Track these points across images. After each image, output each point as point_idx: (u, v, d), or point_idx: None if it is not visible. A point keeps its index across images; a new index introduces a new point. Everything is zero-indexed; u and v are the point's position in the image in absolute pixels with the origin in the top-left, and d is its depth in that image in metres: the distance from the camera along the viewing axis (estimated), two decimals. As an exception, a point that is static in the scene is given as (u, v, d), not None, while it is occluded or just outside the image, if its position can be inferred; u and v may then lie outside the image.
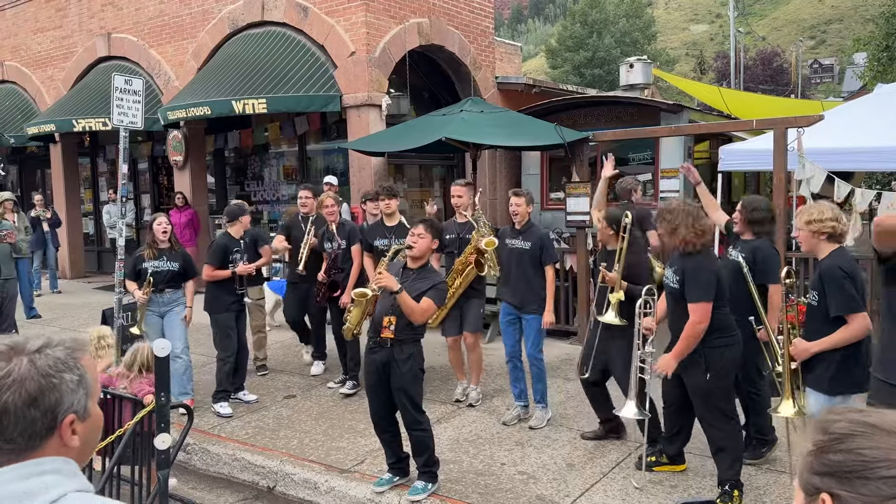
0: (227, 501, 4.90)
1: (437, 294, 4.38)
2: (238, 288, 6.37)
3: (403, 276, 4.45)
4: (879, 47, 17.31)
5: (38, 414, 1.20)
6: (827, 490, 1.04)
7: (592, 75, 43.37)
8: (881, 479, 0.99)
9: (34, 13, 14.59)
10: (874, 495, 0.99)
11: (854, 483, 1.01)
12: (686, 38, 77.00)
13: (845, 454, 1.03)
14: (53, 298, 12.00)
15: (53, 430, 1.22)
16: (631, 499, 4.33)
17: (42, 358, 1.23)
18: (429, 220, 4.67)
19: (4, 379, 1.19)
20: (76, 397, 1.24)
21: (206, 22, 11.68)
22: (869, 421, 1.06)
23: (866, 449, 1.02)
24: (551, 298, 5.53)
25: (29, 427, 1.20)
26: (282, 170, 12.36)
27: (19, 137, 14.06)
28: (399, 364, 4.32)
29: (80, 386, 1.25)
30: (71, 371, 1.25)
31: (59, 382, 1.22)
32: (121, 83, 6.64)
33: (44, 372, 1.21)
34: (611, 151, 6.87)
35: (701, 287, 4.01)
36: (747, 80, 37.68)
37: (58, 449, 1.24)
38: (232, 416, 6.04)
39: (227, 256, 6.33)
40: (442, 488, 4.50)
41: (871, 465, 1.01)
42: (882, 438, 1.03)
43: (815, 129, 6.70)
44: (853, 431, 1.05)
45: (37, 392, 1.20)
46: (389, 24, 10.32)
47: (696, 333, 4.03)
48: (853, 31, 47.04)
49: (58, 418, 1.22)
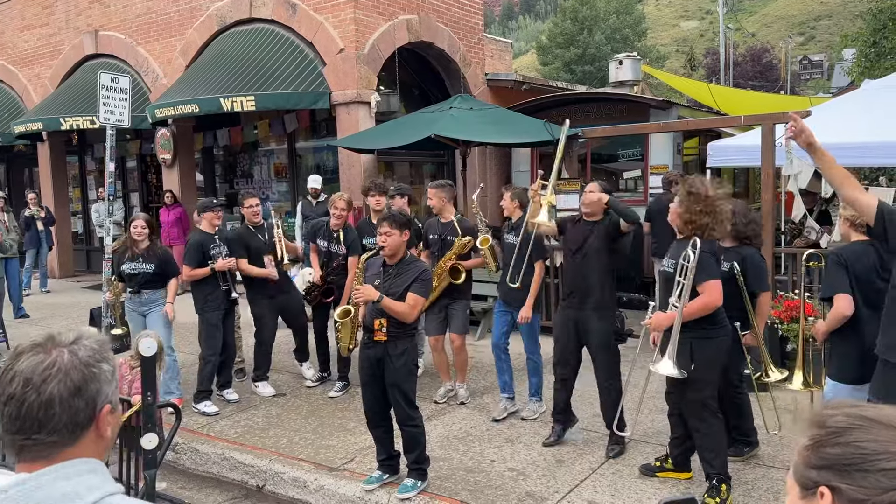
0: (216, 501, 4.88)
1: (422, 286, 4.36)
2: (222, 283, 6.20)
3: (384, 274, 4.43)
4: (867, 43, 17.40)
5: (81, 404, 1.21)
6: (825, 483, 1.04)
7: (583, 72, 43.44)
8: (881, 471, 1.00)
9: (20, 10, 14.47)
10: (874, 487, 0.99)
11: (854, 476, 1.01)
12: (676, 35, 77.18)
13: (844, 447, 1.04)
14: (42, 298, 11.93)
15: (92, 420, 1.23)
16: (620, 494, 4.34)
17: (81, 349, 1.24)
18: (390, 214, 4.54)
19: (49, 369, 1.20)
20: (111, 388, 1.27)
21: (194, 19, 11.62)
22: (866, 414, 1.06)
23: (865, 442, 1.03)
24: (534, 294, 5.52)
25: (73, 417, 1.20)
26: (272, 167, 12.32)
27: (6, 136, 13.96)
28: (393, 359, 4.33)
29: (113, 377, 1.28)
30: (108, 362, 1.27)
31: (98, 372, 1.24)
32: (107, 81, 6.60)
33: (85, 362, 1.23)
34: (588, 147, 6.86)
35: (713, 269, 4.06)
36: (737, 76, 37.82)
37: (93, 442, 1.25)
38: (219, 414, 6.02)
39: (204, 253, 6.15)
40: (431, 486, 4.49)
41: (871, 457, 1.01)
42: (880, 431, 1.03)
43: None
44: (851, 425, 1.06)
45: (81, 382, 1.21)
46: (378, 20, 10.29)
47: (704, 308, 4.02)
48: (842, 28, 47.27)
49: (97, 408, 1.23)
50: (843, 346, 3.86)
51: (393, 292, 4.30)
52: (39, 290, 12.42)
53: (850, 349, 3.79)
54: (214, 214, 6.28)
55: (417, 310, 4.40)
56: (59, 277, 14.11)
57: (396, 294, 4.29)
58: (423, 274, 4.42)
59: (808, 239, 8.22)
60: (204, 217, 6.27)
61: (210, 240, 6.22)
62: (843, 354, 3.87)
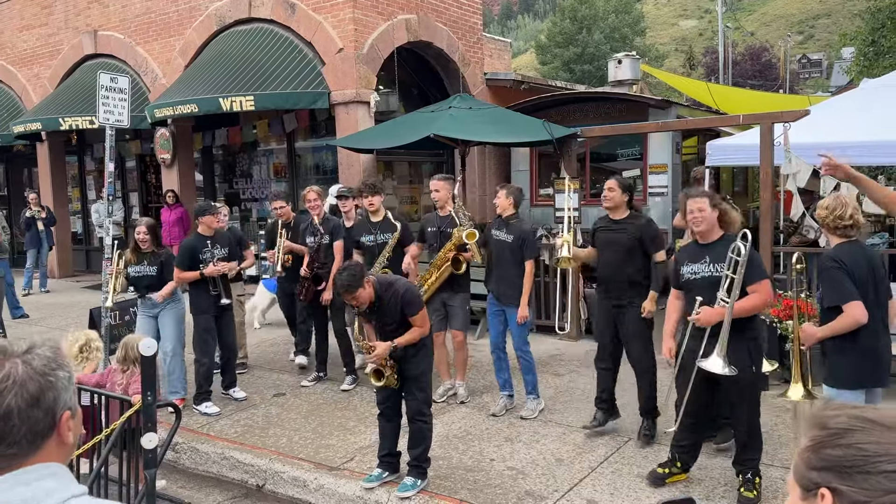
0: (215, 500, 4.89)
1: (412, 304, 4.42)
2: (212, 289, 6.14)
3: (372, 316, 4.49)
4: (866, 42, 17.40)
5: (40, 414, 1.20)
6: (826, 485, 1.04)
7: (582, 71, 43.45)
8: (882, 473, 1.00)
9: (20, 10, 14.47)
10: (875, 489, 0.99)
11: (855, 478, 1.01)
12: (675, 34, 77.20)
13: (845, 449, 1.04)
14: (42, 298, 11.93)
15: (53, 428, 1.22)
16: (619, 493, 4.34)
17: (35, 359, 1.23)
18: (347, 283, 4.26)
19: (4, 382, 1.19)
20: (69, 394, 1.25)
21: (193, 19, 11.62)
22: (868, 416, 1.06)
23: (866, 444, 1.03)
24: (527, 293, 5.56)
25: (33, 427, 1.20)
26: (271, 167, 12.32)
27: (5, 136, 13.96)
28: (409, 354, 4.45)
29: (71, 383, 1.27)
30: (63, 369, 1.26)
31: (55, 381, 1.23)
32: (106, 81, 6.60)
33: (41, 371, 1.22)
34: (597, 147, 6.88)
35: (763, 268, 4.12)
36: (736, 75, 37.84)
37: (56, 448, 1.24)
38: (220, 414, 6.03)
39: (196, 257, 6.11)
40: (431, 484, 4.50)
41: (872, 459, 1.01)
42: (882, 433, 1.03)
43: (801, 124, 6.73)
44: (852, 426, 1.05)
45: (38, 392, 1.20)
46: (377, 20, 10.30)
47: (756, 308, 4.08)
48: (841, 27, 47.26)
49: (56, 416, 1.22)
50: (841, 351, 3.75)
51: (389, 325, 4.44)
52: (39, 290, 12.43)
53: (849, 354, 3.70)
54: (213, 218, 6.25)
55: (426, 319, 4.54)
56: (59, 277, 14.10)
57: (393, 325, 4.42)
58: (406, 295, 4.41)
59: (807, 237, 8.23)
60: (201, 221, 6.20)
61: (203, 243, 6.16)
62: (841, 359, 3.76)
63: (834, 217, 3.77)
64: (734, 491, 4.21)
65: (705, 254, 4.19)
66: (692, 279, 4.23)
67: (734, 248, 3.98)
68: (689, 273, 4.24)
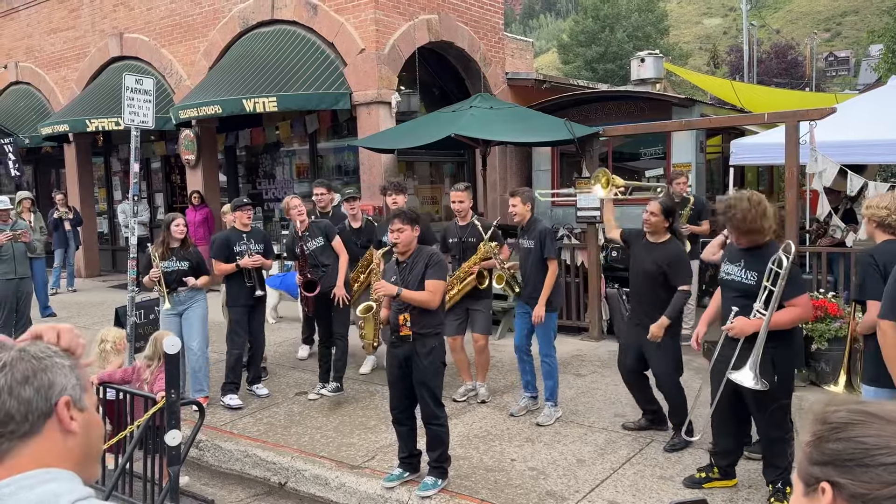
0: (238, 497, 4.93)
1: (436, 270, 4.44)
2: (247, 281, 6.30)
3: (400, 271, 4.51)
4: (894, 39, 17.12)
5: (31, 391, 1.19)
6: (826, 479, 1.04)
7: (605, 70, 43.15)
8: (881, 465, 0.99)
9: (48, 14, 14.71)
10: (874, 482, 0.99)
11: (854, 471, 1.01)
12: (699, 32, 76.42)
13: (845, 442, 1.04)
14: (69, 297, 12.12)
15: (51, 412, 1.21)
16: (641, 494, 4.31)
17: (33, 347, 1.23)
18: (400, 211, 4.63)
19: None
20: (69, 382, 1.23)
21: (216, 21, 11.73)
22: (868, 410, 1.06)
23: (865, 437, 1.02)
24: (546, 292, 5.47)
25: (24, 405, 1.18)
26: (293, 168, 12.40)
27: (34, 138, 14.19)
28: (421, 358, 4.39)
29: (73, 372, 1.25)
30: (61, 357, 1.25)
31: (50, 364, 1.22)
32: (131, 83, 6.68)
33: (35, 355, 1.22)
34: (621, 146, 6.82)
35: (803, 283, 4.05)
36: (761, 73, 37.37)
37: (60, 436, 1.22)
38: (242, 408, 6.10)
39: (231, 250, 6.26)
40: (452, 484, 4.51)
41: (872, 452, 1.01)
42: (882, 426, 1.03)
43: (827, 122, 6.64)
44: (852, 420, 1.05)
45: (28, 372, 1.19)
46: (399, 20, 10.32)
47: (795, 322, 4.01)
48: (869, 23, 46.50)
49: (52, 399, 1.21)
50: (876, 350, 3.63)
51: (409, 283, 4.41)
52: (66, 290, 12.62)
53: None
54: (244, 213, 6.39)
55: (439, 295, 4.47)
56: (86, 277, 14.32)
57: (413, 284, 4.40)
58: (434, 258, 4.50)
59: (834, 238, 8.11)
60: (235, 215, 6.43)
61: (238, 236, 6.34)
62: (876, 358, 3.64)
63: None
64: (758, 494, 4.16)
65: (742, 258, 4.12)
66: (725, 279, 4.21)
67: (776, 259, 3.90)
68: (725, 273, 4.23)
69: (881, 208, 3.78)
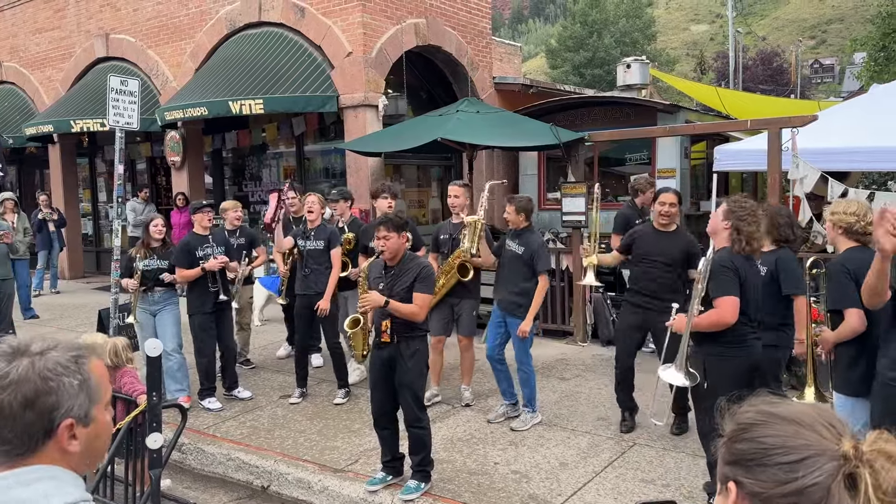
0: (221, 501, 4.91)
1: (424, 284, 4.44)
2: (211, 285, 6.16)
3: (387, 276, 4.49)
4: (877, 47, 17.34)
5: (33, 416, 1.17)
6: (733, 478, 1.06)
7: (592, 75, 43.35)
8: (777, 465, 1.01)
9: (33, 14, 14.61)
10: (771, 481, 1.01)
11: (754, 470, 1.03)
12: (686, 38, 76.93)
13: (748, 443, 1.06)
14: (52, 299, 12.03)
15: (51, 433, 1.20)
16: (623, 497, 4.34)
17: (43, 360, 1.20)
18: (387, 218, 4.55)
19: (2, 380, 1.18)
20: (76, 402, 1.21)
21: (203, 22, 11.70)
22: (772, 410, 1.08)
23: (765, 437, 1.04)
24: (535, 308, 5.42)
25: (25, 429, 1.18)
26: (280, 170, 12.37)
27: (18, 138, 14.08)
28: (405, 360, 4.39)
29: (82, 390, 1.22)
30: (71, 375, 1.22)
31: (56, 386, 1.20)
32: (116, 84, 6.66)
33: (42, 375, 1.19)
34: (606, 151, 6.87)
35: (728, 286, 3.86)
36: (747, 80, 37.63)
37: (57, 454, 1.21)
38: (223, 410, 6.09)
39: (193, 255, 6.15)
40: (435, 487, 4.51)
41: (770, 451, 1.02)
42: (782, 426, 1.04)
43: (810, 130, 6.71)
44: (756, 421, 1.07)
45: (33, 395, 1.18)
46: (386, 24, 10.33)
47: (714, 325, 3.85)
48: (854, 31, 47.01)
49: (55, 421, 1.19)
50: (849, 359, 3.67)
51: (396, 292, 4.39)
52: (50, 291, 12.52)
53: (858, 361, 3.62)
54: (204, 216, 6.31)
55: (425, 309, 4.49)
56: (70, 278, 14.22)
57: (400, 293, 4.37)
58: (424, 271, 4.48)
59: (815, 244, 8.18)
60: (194, 218, 6.35)
61: (200, 241, 6.24)
62: (850, 367, 3.67)
63: (865, 223, 3.61)
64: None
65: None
66: None
67: (706, 259, 3.99)
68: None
69: (849, 214, 3.68)
